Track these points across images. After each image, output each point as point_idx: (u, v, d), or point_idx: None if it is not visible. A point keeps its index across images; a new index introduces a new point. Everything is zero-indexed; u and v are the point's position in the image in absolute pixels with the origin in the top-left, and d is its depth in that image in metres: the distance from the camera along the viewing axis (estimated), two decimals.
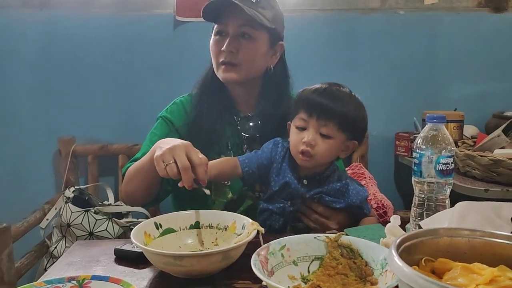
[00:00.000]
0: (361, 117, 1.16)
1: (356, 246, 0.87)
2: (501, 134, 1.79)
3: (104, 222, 1.82)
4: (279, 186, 1.17)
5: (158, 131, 1.36)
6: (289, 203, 1.18)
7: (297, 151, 1.13)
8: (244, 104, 1.39)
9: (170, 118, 1.36)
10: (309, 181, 1.18)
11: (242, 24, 1.27)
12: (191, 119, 1.35)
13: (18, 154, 2.15)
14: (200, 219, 1.06)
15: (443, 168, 0.93)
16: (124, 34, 2.15)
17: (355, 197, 1.19)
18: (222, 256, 0.87)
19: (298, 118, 1.14)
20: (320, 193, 1.18)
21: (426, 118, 0.96)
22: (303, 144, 1.11)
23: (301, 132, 1.13)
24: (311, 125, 1.11)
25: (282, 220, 1.19)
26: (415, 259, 0.65)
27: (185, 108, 1.38)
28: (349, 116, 1.12)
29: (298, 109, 1.15)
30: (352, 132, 1.15)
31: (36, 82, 2.14)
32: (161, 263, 0.89)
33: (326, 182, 1.19)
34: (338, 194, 1.19)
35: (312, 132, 1.11)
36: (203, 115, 1.33)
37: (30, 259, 1.81)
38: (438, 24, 2.28)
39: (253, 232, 0.93)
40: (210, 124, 1.32)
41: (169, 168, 1.02)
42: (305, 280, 0.85)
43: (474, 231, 0.68)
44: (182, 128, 1.34)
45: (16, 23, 2.10)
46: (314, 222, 1.19)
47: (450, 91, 2.31)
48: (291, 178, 1.17)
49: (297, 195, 1.17)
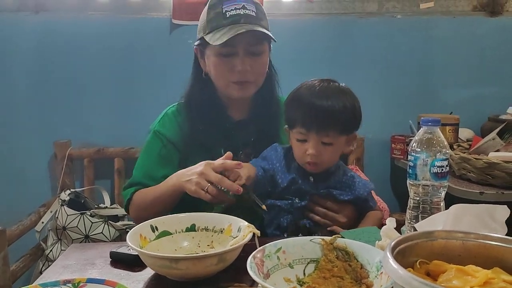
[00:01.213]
0: (356, 110, 1.15)
1: (351, 249, 0.87)
2: (496, 137, 1.80)
3: (100, 225, 1.82)
4: (287, 183, 1.18)
5: (153, 148, 1.35)
6: (297, 199, 1.19)
7: (303, 162, 1.15)
8: (236, 110, 1.39)
9: (163, 132, 1.35)
10: (315, 178, 1.19)
11: (252, 43, 1.27)
12: (185, 131, 1.34)
13: (14, 157, 2.15)
14: (196, 221, 1.06)
15: (437, 171, 0.94)
16: (120, 37, 2.15)
17: (362, 189, 1.21)
18: (218, 259, 0.87)
19: (297, 132, 1.14)
20: (327, 188, 1.19)
21: (421, 121, 0.97)
22: (307, 156, 1.13)
23: (303, 143, 1.14)
24: (312, 138, 1.12)
25: (290, 217, 1.20)
26: (410, 261, 0.65)
27: (176, 119, 1.37)
28: (347, 118, 1.12)
29: (294, 121, 1.15)
30: (351, 128, 1.16)
31: (32, 85, 2.14)
32: (156, 266, 0.89)
33: (332, 177, 1.20)
34: (345, 187, 1.21)
35: (314, 144, 1.12)
36: (197, 126, 1.33)
37: (26, 262, 1.81)
38: (434, 28, 2.29)
39: (248, 235, 0.93)
40: (204, 134, 1.32)
41: (210, 191, 1.11)
42: (300, 282, 0.85)
43: (469, 233, 0.68)
44: (177, 141, 1.34)
45: (12, 26, 2.10)
46: (324, 218, 1.19)
47: (446, 95, 2.32)
48: (297, 175, 1.18)
49: (305, 191, 1.18)
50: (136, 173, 1.35)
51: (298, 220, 1.20)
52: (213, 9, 1.27)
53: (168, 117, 1.39)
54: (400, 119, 2.22)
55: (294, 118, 1.15)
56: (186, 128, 1.35)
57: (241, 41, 1.24)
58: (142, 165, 1.36)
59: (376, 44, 2.27)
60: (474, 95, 2.33)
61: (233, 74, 1.28)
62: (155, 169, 1.33)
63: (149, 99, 2.15)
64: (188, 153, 1.33)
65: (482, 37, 2.31)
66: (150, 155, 1.35)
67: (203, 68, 1.35)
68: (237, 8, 1.25)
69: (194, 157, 1.26)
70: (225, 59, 1.28)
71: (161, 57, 2.17)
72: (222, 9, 1.25)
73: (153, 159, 1.34)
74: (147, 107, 1.50)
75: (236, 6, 1.25)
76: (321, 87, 1.14)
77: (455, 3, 2.32)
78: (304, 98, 1.13)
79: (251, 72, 1.28)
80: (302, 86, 1.17)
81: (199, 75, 1.36)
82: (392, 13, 2.29)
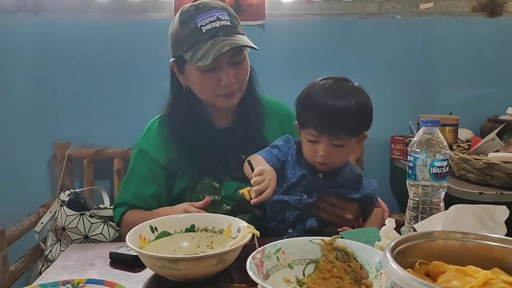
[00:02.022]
0: (369, 109, 1.14)
1: (351, 249, 0.87)
2: (496, 137, 1.80)
3: (99, 226, 1.82)
4: (296, 178, 1.18)
5: (139, 167, 1.34)
6: (305, 195, 1.19)
7: (313, 161, 1.15)
8: (221, 118, 1.36)
9: (147, 151, 1.34)
10: (324, 175, 1.19)
11: (233, 54, 1.23)
12: (170, 147, 1.32)
13: (14, 158, 2.15)
14: (195, 222, 1.06)
15: (437, 172, 0.94)
16: (120, 38, 2.15)
17: (369, 187, 1.22)
18: (218, 260, 0.87)
19: (309, 133, 1.13)
20: (335, 186, 1.19)
21: (420, 122, 0.97)
22: (318, 156, 1.13)
23: (314, 144, 1.13)
24: (323, 140, 1.11)
25: (297, 213, 1.19)
26: (409, 262, 0.65)
27: (160, 135, 1.35)
28: (359, 119, 1.12)
29: (306, 121, 1.13)
30: (363, 129, 1.17)
31: (31, 86, 2.13)
32: (156, 266, 0.89)
33: (340, 174, 1.20)
34: (353, 185, 1.21)
35: (325, 146, 1.11)
36: (182, 140, 1.31)
37: (25, 262, 1.81)
38: (433, 29, 2.29)
39: (248, 235, 0.93)
40: (191, 146, 1.30)
41: None
42: (300, 283, 0.85)
43: (468, 234, 0.68)
44: (162, 161, 1.32)
45: (12, 27, 2.09)
46: (331, 215, 1.19)
47: (446, 95, 2.32)
48: (307, 171, 1.18)
49: (314, 188, 1.18)
50: (124, 193, 1.35)
51: (305, 216, 1.20)
52: (187, 25, 1.22)
53: (152, 133, 1.36)
54: (399, 119, 2.22)
55: (306, 119, 1.14)
56: (171, 142, 1.32)
57: (224, 55, 1.20)
58: (129, 184, 1.35)
59: (376, 45, 2.27)
60: (474, 96, 2.33)
61: (219, 88, 1.25)
62: (142, 188, 1.32)
63: (148, 99, 2.13)
64: (176, 170, 1.31)
65: (482, 37, 2.31)
66: (135, 174, 1.35)
67: (182, 83, 1.31)
68: (211, 21, 1.21)
69: (184, 175, 1.28)
70: (208, 74, 1.24)
71: (160, 58, 2.16)
72: (196, 24, 1.21)
73: (139, 179, 1.33)
74: (147, 108, 1.49)
75: (211, 19, 1.21)
76: (335, 88, 1.11)
77: (454, 3, 2.32)
78: (317, 99, 1.10)
79: (236, 82, 1.25)
80: (315, 85, 1.14)
81: (179, 90, 1.32)
82: (392, 14, 2.29)
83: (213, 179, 1.29)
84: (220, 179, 1.30)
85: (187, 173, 1.29)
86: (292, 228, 1.20)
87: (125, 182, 1.37)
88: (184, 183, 1.30)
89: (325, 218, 1.20)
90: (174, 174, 1.31)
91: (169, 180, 1.33)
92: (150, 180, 1.33)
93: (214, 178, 1.29)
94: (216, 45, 1.19)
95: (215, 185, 1.29)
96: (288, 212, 1.20)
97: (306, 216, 1.20)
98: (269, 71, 1.62)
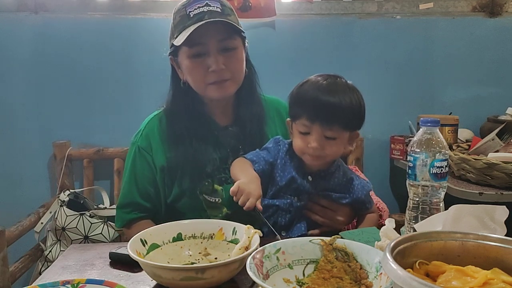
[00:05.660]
0: (362, 107, 1.15)
1: (351, 249, 0.87)
2: (495, 137, 1.80)
3: (99, 226, 1.82)
4: (285, 181, 1.18)
5: (140, 166, 1.33)
6: (296, 198, 1.18)
7: (303, 153, 1.15)
8: (222, 115, 1.35)
9: (145, 148, 1.33)
10: (314, 178, 1.18)
11: (221, 39, 1.23)
12: (170, 144, 1.31)
13: (13, 158, 2.14)
14: (181, 230, 1.03)
15: (437, 172, 0.94)
16: (119, 37, 2.15)
17: (360, 192, 1.21)
18: (239, 263, 0.86)
19: (301, 124, 1.13)
20: (325, 190, 1.19)
21: (420, 122, 0.97)
22: (309, 149, 1.12)
23: (305, 136, 1.13)
24: (315, 131, 1.11)
25: (288, 216, 1.19)
26: (409, 262, 0.65)
27: (159, 132, 1.34)
28: (352, 113, 1.12)
29: (298, 113, 1.13)
30: (354, 125, 1.16)
31: (31, 86, 2.13)
32: (178, 279, 0.83)
33: (331, 178, 1.20)
34: (343, 189, 1.21)
35: (317, 138, 1.11)
36: (182, 136, 1.30)
37: (25, 263, 1.80)
38: (433, 29, 2.29)
39: (255, 236, 0.92)
40: (190, 144, 1.29)
41: None
42: (300, 283, 0.85)
43: (468, 234, 0.68)
44: (161, 157, 1.31)
45: (11, 26, 2.09)
46: (323, 216, 1.19)
47: (445, 95, 2.32)
48: (296, 174, 1.17)
49: (303, 191, 1.18)
50: (130, 192, 1.33)
51: (296, 219, 1.20)
52: (178, 14, 1.25)
53: (151, 131, 1.35)
54: (399, 119, 2.22)
55: (299, 111, 1.13)
56: (171, 140, 1.31)
57: (210, 37, 1.21)
58: (133, 183, 1.33)
59: (376, 45, 2.27)
60: (474, 96, 2.33)
61: (209, 75, 1.24)
62: (147, 187, 1.32)
63: (148, 99, 2.13)
64: (175, 169, 1.29)
65: (482, 37, 2.31)
66: (137, 173, 1.33)
67: (180, 77, 1.32)
68: (200, 6, 1.22)
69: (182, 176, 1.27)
70: (197, 60, 1.24)
71: (160, 58, 2.16)
72: (186, 11, 1.23)
73: (142, 178, 1.32)
74: (146, 108, 1.49)
75: (199, 5, 1.22)
76: (328, 82, 1.12)
77: (454, 3, 2.32)
78: (310, 92, 1.11)
79: (226, 70, 1.24)
80: (308, 81, 1.15)
81: (178, 85, 1.33)
82: (392, 14, 2.29)
83: (214, 181, 1.29)
84: (221, 181, 1.30)
85: (187, 174, 1.28)
86: (285, 231, 1.20)
87: (128, 181, 1.34)
88: (184, 184, 1.28)
89: (317, 220, 1.20)
90: (173, 174, 1.30)
91: (168, 180, 1.31)
92: (151, 179, 1.32)
93: (216, 180, 1.29)
94: (197, 24, 1.20)
95: (217, 188, 1.29)
96: (280, 215, 1.19)
97: (298, 219, 1.20)
98: (269, 71, 1.62)
